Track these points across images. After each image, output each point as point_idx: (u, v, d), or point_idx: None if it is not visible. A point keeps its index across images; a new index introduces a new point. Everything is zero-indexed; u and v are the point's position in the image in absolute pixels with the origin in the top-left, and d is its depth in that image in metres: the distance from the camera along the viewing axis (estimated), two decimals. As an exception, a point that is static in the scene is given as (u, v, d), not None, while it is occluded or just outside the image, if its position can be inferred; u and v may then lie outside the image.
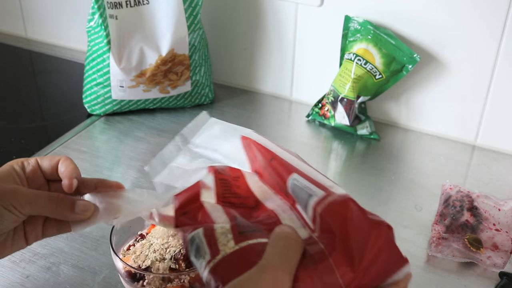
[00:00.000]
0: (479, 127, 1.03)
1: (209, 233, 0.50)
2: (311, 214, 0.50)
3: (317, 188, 0.51)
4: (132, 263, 0.64)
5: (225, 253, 0.48)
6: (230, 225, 0.51)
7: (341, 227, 0.47)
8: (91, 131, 1.05)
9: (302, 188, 0.52)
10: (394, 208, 0.87)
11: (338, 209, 0.48)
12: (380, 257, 0.46)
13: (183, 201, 0.55)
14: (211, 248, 0.49)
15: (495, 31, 0.94)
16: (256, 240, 0.49)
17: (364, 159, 1.00)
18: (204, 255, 0.49)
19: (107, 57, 1.02)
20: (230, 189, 0.58)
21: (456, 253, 0.77)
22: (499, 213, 0.82)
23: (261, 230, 0.51)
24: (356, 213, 0.47)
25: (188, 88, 1.10)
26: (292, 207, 0.55)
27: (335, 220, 0.48)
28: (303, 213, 0.53)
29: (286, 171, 0.55)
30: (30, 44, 1.39)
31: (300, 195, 0.52)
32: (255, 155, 0.59)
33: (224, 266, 0.47)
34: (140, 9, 1.01)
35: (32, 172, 0.58)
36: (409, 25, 1.00)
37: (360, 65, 1.00)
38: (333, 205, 0.48)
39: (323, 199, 0.49)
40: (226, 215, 0.53)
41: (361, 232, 0.46)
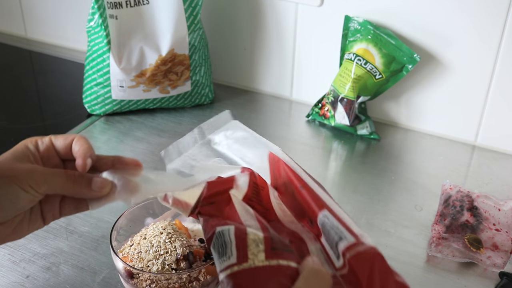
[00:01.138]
0: (479, 127, 1.03)
1: (241, 236, 0.49)
2: (341, 257, 0.50)
3: (347, 233, 0.50)
4: (132, 263, 0.64)
5: (253, 264, 0.47)
6: (264, 236, 0.50)
7: (368, 279, 0.47)
8: (91, 131, 1.05)
9: (332, 228, 0.51)
10: (394, 208, 0.87)
11: (368, 260, 0.48)
12: None
13: (214, 191, 0.55)
14: (238, 252, 0.48)
15: (495, 31, 0.94)
16: (287, 262, 0.48)
17: (364, 159, 1.00)
18: (229, 255, 0.48)
19: (107, 57, 1.02)
20: (257, 195, 0.57)
21: (456, 253, 0.77)
22: (499, 213, 0.82)
23: (292, 250, 0.50)
24: (384, 270, 0.47)
25: (188, 88, 1.10)
26: (316, 238, 0.54)
27: (363, 270, 0.47)
28: (328, 249, 0.52)
29: (317, 204, 0.54)
30: (30, 44, 1.39)
31: (329, 233, 0.52)
32: (280, 175, 0.58)
33: (247, 277, 0.47)
34: (140, 9, 1.01)
35: (47, 151, 0.57)
36: (409, 25, 1.00)
37: (360, 65, 1.00)
38: (363, 255, 0.48)
39: (353, 245, 0.49)
40: (257, 221, 0.53)
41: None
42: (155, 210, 0.73)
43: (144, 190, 0.55)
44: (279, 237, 0.52)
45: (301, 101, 1.16)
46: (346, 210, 0.53)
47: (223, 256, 0.49)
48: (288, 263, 0.48)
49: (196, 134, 0.62)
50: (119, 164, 0.57)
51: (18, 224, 0.54)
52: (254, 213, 0.54)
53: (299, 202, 0.56)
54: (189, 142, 0.62)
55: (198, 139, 0.62)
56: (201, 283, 0.63)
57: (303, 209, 0.56)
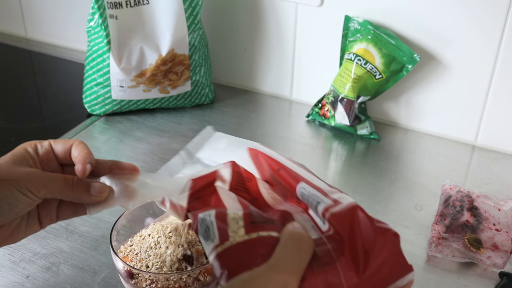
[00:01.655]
0: (479, 127, 1.03)
1: (221, 217, 0.51)
2: (325, 221, 0.52)
3: (324, 197, 0.53)
4: (132, 263, 0.64)
5: (234, 241, 0.48)
6: (243, 212, 0.51)
7: (349, 233, 0.48)
8: (91, 131, 1.05)
9: (310, 196, 0.54)
10: (394, 208, 0.87)
11: (346, 215, 0.50)
12: (386, 264, 0.47)
13: (199, 187, 0.56)
14: (220, 233, 0.49)
15: (495, 31, 0.94)
16: (267, 232, 0.49)
17: (364, 159, 1.00)
18: (213, 238, 0.49)
19: (107, 57, 1.02)
20: (243, 183, 0.59)
21: (456, 253, 0.77)
22: (499, 213, 0.82)
23: (273, 221, 0.52)
24: (363, 220, 0.49)
25: (188, 88, 1.10)
26: (304, 211, 0.57)
27: (343, 226, 0.49)
28: (315, 217, 0.55)
29: (294, 179, 0.57)
30: (30, 44, 1.39)
31: (309, 202, 0.54)
32: (263, 166, 0.61)
33: (231, 254, 0.48)
34: (140, 9, 1.01)
35: (46, 155, 0.57)
36: (409, 25, 1.00)
37: (360, 65, 1.00)
38: (342, 212, 0.50)
39: (331, 206, 0.51)
40: (240, 203, 0.54)
41: (368, 238, 0.48)
42: (155, 210, 0.73)
43: (141, 195, 0.56)
44: (258, 212, 0.53)
45: (301, 101, 1.16)
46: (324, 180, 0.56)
47: (208, 240, 0.50)
48: (268, 233, 0.49)
49: (184, 156, 0.63)
50: (117, 169, 0.58)
51: (15, 227, 0.54)
52: (236, 196, 0.56)
53: (281, 184, 0.58)
54: (178, 164, 0.62)
55: (187, 159, 0.63)
56: (201, 283, 0.63)
57: (286, 189, 0.58)
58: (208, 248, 0.49)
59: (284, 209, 0.57)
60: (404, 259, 0.49)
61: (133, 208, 0.70)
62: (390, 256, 0.48)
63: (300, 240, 0.48)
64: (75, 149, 0.57)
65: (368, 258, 0.47)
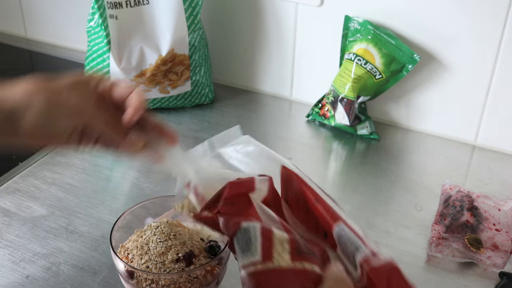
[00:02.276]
0: (479, 127, 1.03)
1: (267, 234, 0.50)
2: (358, 268, 0.51)
3: (363, 245, 0.51)
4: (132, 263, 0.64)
5: (278, 265, 0.48)
6: (289, 237, 0.50)
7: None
8: (91, 131, 1.05)
9: (348, 239, 0.52)
10: (394, 208, 0.87)
11: (386, 273, 0.49)
12: None
13: (235, 193, 0.55)
14: (263, 250, 0.49)
15: (495, 31, 0.94)
16: (311, 265, 0.49)
17: (364, 159, 1.00)
18: (254, 252, 0.49)
19: (107, 57, 1.02)
20: (276, 201, 0.58)
21: (456, 253, 0.77)
22: (499, 213, 0.82)
23: (315, 255, 0.51)
24: (401, 283, 0.48)
25: (188, 88, 1.10)
26: (332, 248, 0.55)
27: (381, 282, 0.48)
28: (345, 260, 0.53)
29: (332, 217, 0.55)
30: (30, 44, 1.39)
31: (346, 245, 0.52)
32: (292, 188, 0.59)
33: (271, 277, 0.47)
34: (140, 9, 1.01)
35: (103, 93, 0.59)
36: (409, 25, 1.00)
37: (360, 65, 1.00)
38: (382, 268, 0.49)
39: (370, 258, 0.50)
40: (280, 224, 0.53)
41: None
42: (155, 210, 0.73)
43: (167, 166, 0.59)
44: (303, 240, 0.52)
45: (301, 101, 1.16)
46: (352, 217, 0.54)
47: (246, 252, 0.49)
48: (312, 267, 0.49)
49: (207, 146, 0.63)
50: (159, 130, 0.60)
51: (59, 134, 0.57)
52: (276, 216, 0.55)
53: (313, 215, 0.56)
54: (199, 152, 0.63)
55: (208, 151, 0.63)
56: (201, 283, 0.63)
57: (318, 222, 0.56)
58: (245, 260, 0.49)
59: (314, 239, 0.55)
60: None
61: (135, 207, 0.70)
62: None
63: (343, 286, 0.47)
64: (134, 95, 0.58)
65: None
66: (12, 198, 0.86)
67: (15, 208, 0.83)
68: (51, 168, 0.93)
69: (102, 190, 0.88)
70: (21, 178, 0.90)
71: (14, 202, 0.85)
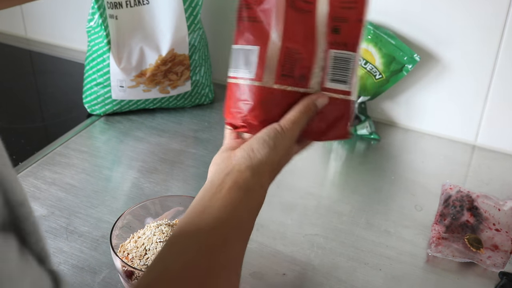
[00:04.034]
0: (479, 127, 1.03)
1: (262, 54, 0.60)
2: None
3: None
4: (132, 263, 0.64)
5: (268, 85, 0.59)
6: (278, 58, 0.60)
7: None
8: (91, 131, 1.05)
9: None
10: (394, 208, 0.87)
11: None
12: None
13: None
14: (257, 69, 0.60)
15: (495, 31, 0.94)
16: (292, 88, 0.60)
17: (364, 159, 1.00)
18: (249, 68, 0.61)
19: (107, 57, 1.02)
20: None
21: (456, 253, 0.77)
22: (499, 213, 0.82)
23: (298, 77, 0.60)
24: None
25: (188, 88, 1.10)
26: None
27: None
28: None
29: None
30: (30, 44, 1.39)
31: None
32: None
33: (259, 93, 0.59)
34: (140, 9, 1.01)
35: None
36: (409, 25, 1.00)
37: (360, 65, 1.00)
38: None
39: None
40: (282, 31, 0.61)
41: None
42: (155, 210, 0.73)
43: None
44: (291, 62, 0.60)
45: (301, 101, 1.16)
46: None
47: (242, 68, 0.61)
48: (295, 89, 0.59)
49: None
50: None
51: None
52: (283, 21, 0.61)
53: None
54: None
55: None
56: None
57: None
58: (241, 74, 0.61)
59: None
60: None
61: (135, 207, 0.70)
62: None
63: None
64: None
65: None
66: (12, 198, 0.85)
67: (15, 208, 0.83)
68: (51, 168, 0.93)
69: (102, 190, 0.88)
70: (21, 178, 0.90)
71: (14, 202, 0.85)
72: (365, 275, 0.74)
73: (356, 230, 0.82)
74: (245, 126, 0.60)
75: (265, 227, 0.81)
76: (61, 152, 0.97)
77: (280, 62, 0.60)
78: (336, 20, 0.61)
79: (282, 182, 0.93)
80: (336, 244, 0.79)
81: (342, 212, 0.86)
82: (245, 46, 0.65)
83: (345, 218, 0.84)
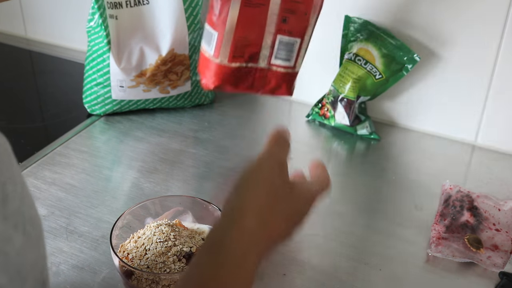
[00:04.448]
0: (479, 127, 1.03)
1: (219, 39, 0.81)
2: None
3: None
4: (132, 263, 0.64)
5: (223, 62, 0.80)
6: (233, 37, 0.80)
7: None
8: (91, 131, 1.05)
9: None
10: (394, 208, 0.87)
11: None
12: None
13: None
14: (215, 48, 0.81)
15: (495, 31, 0.94)
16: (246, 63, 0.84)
17: (364, 159, 1.00)
18: (211, 46, 0.82)
19: (107, 57, 1.02)
20: None
21: (456, 253, 0.77)
22: (499, 213, 0.82)
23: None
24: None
25: (188, 88, 1.10)
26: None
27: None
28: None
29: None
30: (30, 44, 1.39)
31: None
32: None
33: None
34: (140, 9, 1.01)
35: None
36: (409, 25, 1.00)
37: (360, 65, 1.00)
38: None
39: None
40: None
41: None
42: (155, 210, 0.73)
43: None
44: (241, 47, 0.80)
45: (301, 101, 1.16)
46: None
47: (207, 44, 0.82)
48: (243, 65, 0.83)
49: None
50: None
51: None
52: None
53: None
54: None
55: None
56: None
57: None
58: (207, 48, 0.82)
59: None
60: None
61: (135, 207, 0.70)
62: None
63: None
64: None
65: None
66: (12, 198, 0.85)
67: (15, 208, 0.83)
68: (51, 168, 0.93)
69: (102, 190, 0.88)
70: (21, 178, 0.90)
71: (14, 202, 0.85)
72: (365, 275, 0.74)
73: (356, 230, 0.82)
74: (209, 88, 0.84)
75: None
76: (61, 152, 0.97)
77: (232, 47, 0.81)
78: (285, 12, 0.80)
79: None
80: (336, 244, 0.79)
81: (342, 212, 0.86)
82: (210, 29, 0.83)
83: (345, 218, 0.84)
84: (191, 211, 0.73)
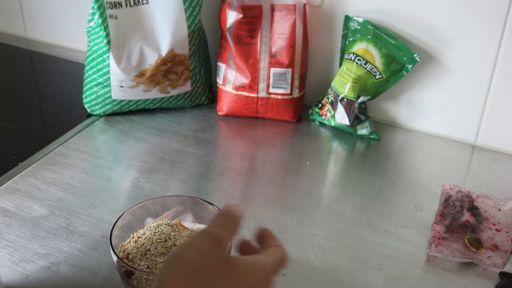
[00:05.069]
0: (479, 127, 1.03)
1: (225, 72, 1.07)
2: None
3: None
4: (132, 263, 0.64)
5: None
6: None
7: None
8: (91, 131, 1.05)
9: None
10: (394, 208, 0.87)
11: None
12: None
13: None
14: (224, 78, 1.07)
15: (495, 31, 0.94)
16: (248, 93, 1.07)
17: (364, 159, 1.00)
18: (220, 77, 1.08)
19: (107, 57, 1.02)
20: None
21: (456, 253, 0.77)
22: (499, 213, 0.82)
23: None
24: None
25: (188, 88, 1.10)
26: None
27: None
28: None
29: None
30: (30, 44, 1.39)
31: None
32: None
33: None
34: (139, 9, 1.01)
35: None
36: (409, 25, 1.00)
37: (360, 65, 1.00)
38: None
39: None
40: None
41: None
42: (155, 210, 0.73)
43: None
44: (241, 79, 1.06)
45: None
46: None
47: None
48: (245, 93, 1.05)
49: None
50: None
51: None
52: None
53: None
54: None
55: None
56: None
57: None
58: (218, 79, 1.07)
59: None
60: None
61: (135, 207, 0.70)
62: None
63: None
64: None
65: None
66: (12, 198, 0.86)
67: (15, 208, 0.83)
68: (51, 168, 0.93)
69: (102, 190, 0.88)
70: (21, 178, 0.90)
71: (14, 202, 0.85)
72: (365, 275, 0.74)
73: (356, 230, 0.82)
74: (224, 113, 1.09)
75: (265, 227, 0.81)
76: (61, 152, 0.97)
77: (234, 79, 1.05)
78: (274, 47, 1.01)
79: (282, 182, 0.93)
80: (336, 244, 0.79)
81: (342, 212, 0.86)
82: (219, 63, 1.08)
83: (345, 218, 0.84)
84: (191, 211, 0.73)
